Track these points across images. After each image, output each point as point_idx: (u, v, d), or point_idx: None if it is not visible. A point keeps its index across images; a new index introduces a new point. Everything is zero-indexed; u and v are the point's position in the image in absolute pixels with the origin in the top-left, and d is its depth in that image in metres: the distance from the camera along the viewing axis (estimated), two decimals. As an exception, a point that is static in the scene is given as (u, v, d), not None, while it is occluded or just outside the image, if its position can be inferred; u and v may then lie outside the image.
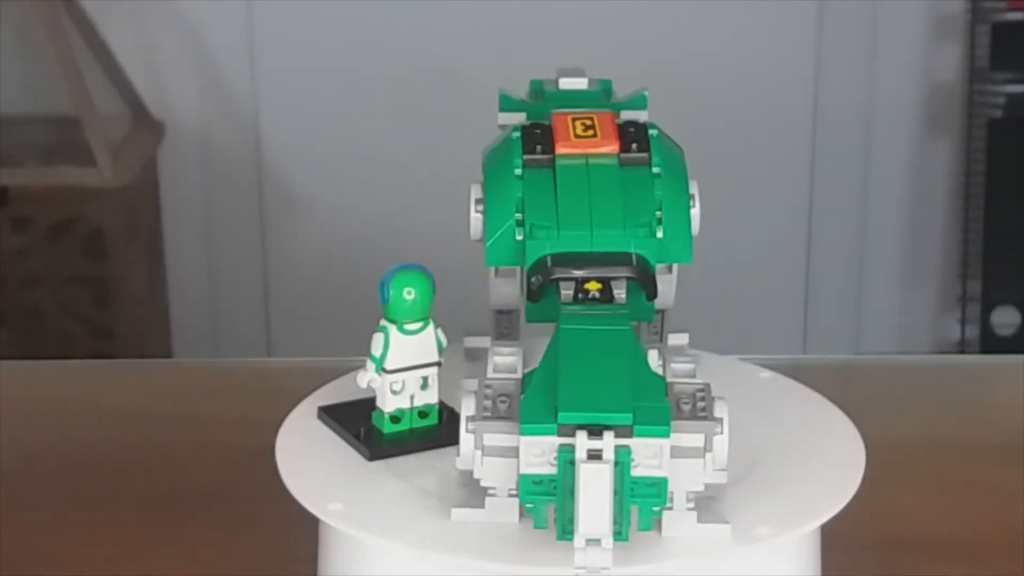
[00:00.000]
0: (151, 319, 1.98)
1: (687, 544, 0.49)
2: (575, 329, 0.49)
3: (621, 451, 0.45)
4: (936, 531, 0.69)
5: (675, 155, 0.54)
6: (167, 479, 0.72)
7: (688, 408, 0.47)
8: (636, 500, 0.46)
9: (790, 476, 0.53)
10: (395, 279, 0.55)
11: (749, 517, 0.51)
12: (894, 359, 1.33)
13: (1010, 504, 0.70)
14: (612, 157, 0.53)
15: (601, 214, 0.52)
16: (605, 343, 0.48)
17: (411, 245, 1.77)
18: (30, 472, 0.75)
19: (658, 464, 0.46)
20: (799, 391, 0.61)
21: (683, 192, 0.53)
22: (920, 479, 0.72)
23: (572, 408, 0.46)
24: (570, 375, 0.47)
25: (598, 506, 0.45)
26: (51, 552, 0.67)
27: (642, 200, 0.52)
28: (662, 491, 0.46)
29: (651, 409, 0.46)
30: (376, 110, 2.03)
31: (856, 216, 2.08)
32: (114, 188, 1.81)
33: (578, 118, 0.54)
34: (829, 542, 0.55)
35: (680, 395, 0.47)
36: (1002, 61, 1.96)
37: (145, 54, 2.01)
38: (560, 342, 0.48)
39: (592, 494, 0.45)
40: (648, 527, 0.47)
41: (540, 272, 0.51)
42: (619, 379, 0.46)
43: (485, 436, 0.48)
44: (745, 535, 0.49)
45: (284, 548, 0.63)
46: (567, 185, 0.53)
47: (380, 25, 2.01)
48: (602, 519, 0.45)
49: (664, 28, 2.00)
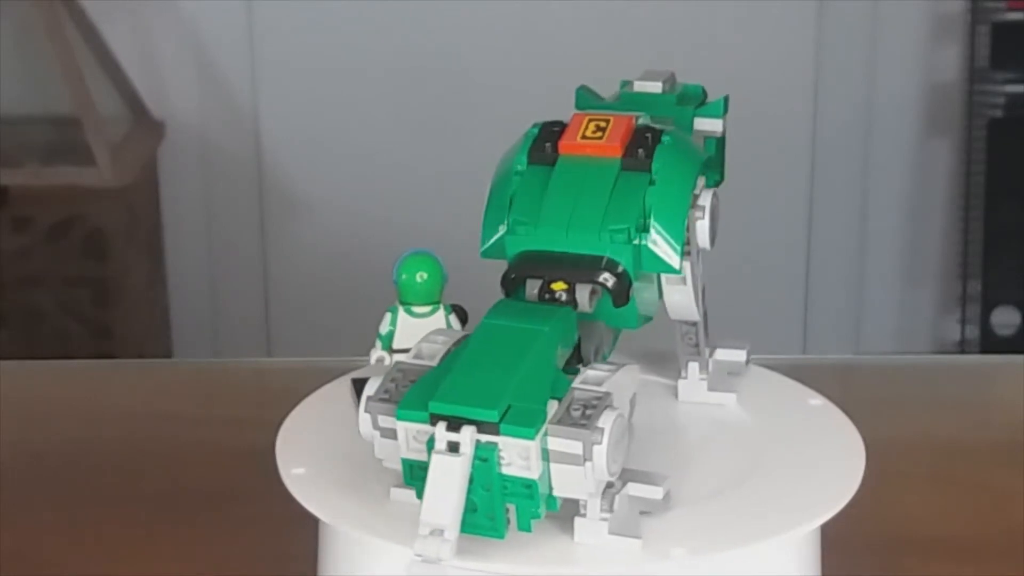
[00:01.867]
0: (151, 319, 1.98)
1: (588, 553, 0.48)
2: (492, 324, 0.49)
3: (487, 448, 0.46)
4: (936, 531, 0.69)
5: (681, 165, 0.53)
6: (167, 479, 0.72)
7: (577, 415, 0.46)
8: (511, 499, 0.47)
9: (790, 476, 0.53)
10: (406, 262, 0.57)
11: (749, 517, 0.51)
12: (894, 359, 1.33)
13: (1010, 504, 0.70)
14: (614, 160, 0.53)
15: (580, 215, 0.52)
16: (513, 340, 0.48)
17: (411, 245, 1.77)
18: (30, 472, 0.75)
19: (527, 465, 0.46)
20: (799, 391, 0.61)
21: (677, 201, 0.52)
22: (920, 479, 0.73)
23: (443, 399, 0.46)
24: (462, 367, 0.47)
25: (443, 497, 0.46)
26: (51, 552, 0.67)
27: (627, 205, 0.51)
28: (534, 493, 0.47)
29: (522, 410, 0.46)
30: (376, 110, 2.03)
31: (856, 216, 2.08)
32: (114, 188, 1.81)
33: (595, 119, 0.53)
34: (829, 542, 0.55)
35: (574, 401, 0.47)
36: (1002, 61, 1.96)
37: (145, 54, 2.01)
38: (473, 335, 0.49)
39: (438, 484, 0.46)
40: (525, 528, 0.47)
41: (509, 267, 0.52)
42: (503, 377, 0.47)
43: (379, 417, 0.49)
44: (659, 553, 0.48)
45: (284, 548, 0.63)
46: (558, 184, 0.53)
47: (380, 25, 2.01)
48: (445, 510, 0.46)
49: (664, 28, 2.00)
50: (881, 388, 0.84)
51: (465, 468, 0.46)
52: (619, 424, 0.46)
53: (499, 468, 0.46)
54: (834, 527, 0.52)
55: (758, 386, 0.60)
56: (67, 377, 0.88)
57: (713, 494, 0.52)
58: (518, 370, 0.47)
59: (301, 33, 2.02)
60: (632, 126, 0.53)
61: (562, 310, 0.50)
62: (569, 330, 0.50)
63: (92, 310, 1.85)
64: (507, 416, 0.46)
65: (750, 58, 2.00)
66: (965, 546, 0.67)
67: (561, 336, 0.50)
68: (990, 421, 0.80)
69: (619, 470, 0.47)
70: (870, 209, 2.08)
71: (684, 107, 0.57)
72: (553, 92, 2.30)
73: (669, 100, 0.57)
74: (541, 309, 0.50)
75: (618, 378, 0.48)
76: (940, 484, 0.73)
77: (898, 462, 0.71)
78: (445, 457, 0.46)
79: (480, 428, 0.46)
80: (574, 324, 0.50)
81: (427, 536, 0.46)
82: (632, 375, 0.49)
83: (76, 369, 0.95)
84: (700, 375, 0.58)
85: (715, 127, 0.57)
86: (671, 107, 0.57)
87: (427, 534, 0.46)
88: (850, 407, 0.59)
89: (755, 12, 2.00)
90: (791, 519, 0.51)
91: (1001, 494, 0.71)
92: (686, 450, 0.56)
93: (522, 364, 0.47)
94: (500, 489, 0.46)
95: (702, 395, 0.58)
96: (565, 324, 0.50)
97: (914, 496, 0.71)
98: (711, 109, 0.57)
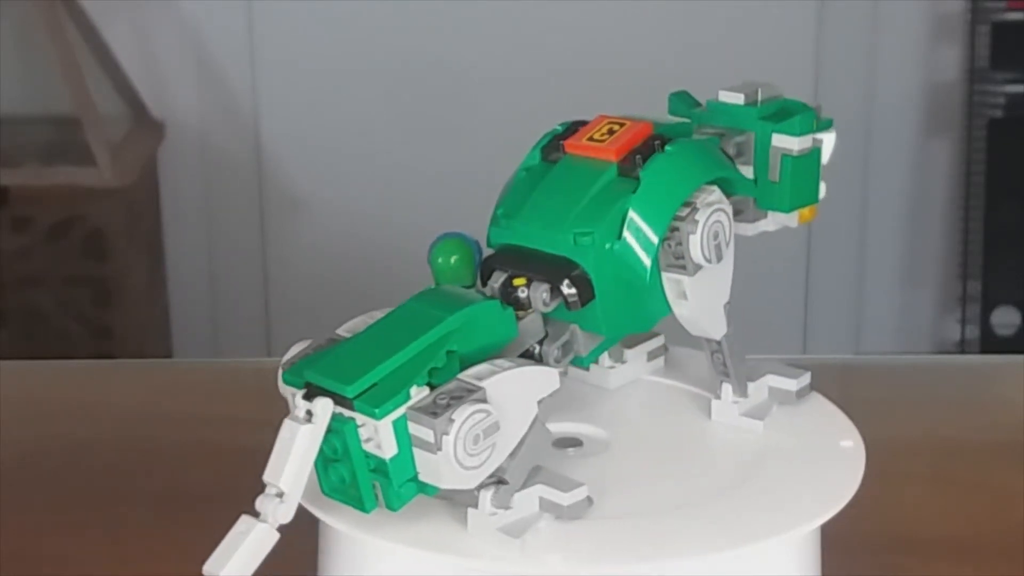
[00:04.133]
0: (151, 319, 1.98)
1: (468, 546, 0.49)
2: (408, 305, 0.50)
3: (343, 421, 0.47)
4: (936, 531, 0.69)
5: (673, 174, 0.52)
6: (167, 479, 0.72)
7: (442, 403, 0.47)
8: (375, 476, 0.48)
9: (790, 476, 0.53)
10: (439, 246, 0.57)
11: (749, 517, 0.51)
12: (894, 359, 1.33)
13: (1010, 504, 0.70)
14: (610, 165, 0.53)
15: (556, 215, 0.52)
16: (414, 324, 0.49)
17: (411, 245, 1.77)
18: (30, 472, 0.75)
19: (379, 444, 0.47)
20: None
21: (656, 209, 0.51)
22: (920, 479, 0.72)
23: (315, 370, 0.48)
24: (353, 343, 0.49)
25: (282, 460, 0.47)
26: (51, 552, 0.67)
27: (602, 210, 0.51)
28: (387, 472, 0.48)
29: (383, 391, 0.47)
30: (376, 110, 2.03)
31: (856, 216, 2.08)
32: (114, 188, 1.81)
33: (612, 122, 0.53)
34: (829, 542, 0.55)
35: (446, 391, 0.48)
36: (1002, 61, 1.96)
37: (145, 54, 2.01)
38: (388, 314, 0.50)
39: (282, 446, 0.47)
40: (390, 506, 0.48)
41: (484, 258, 0.53)
42: (381, 356, 0.48)
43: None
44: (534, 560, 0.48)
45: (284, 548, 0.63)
46: (549, 182, 0.53)
47: (380, 25, 2.01)
48: (282, 473, 0.47)
49: (664, 28, 2.00)
50: (881, 388, 0.84)
51: (313, 437, 0.47)
52: (478, 419, 0.47)
53: (362, 444, 0.47)
54: (834, 527, 0.52)
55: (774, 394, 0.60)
56: (67, 377, 0.88)
57: (713, 494, 0.52)
58: (401, 352, 0.48)
59: (301, 33, 2.02)
60: (645, 133, 0.53)
61: (488, 303, 0.50)
62: (494, 323, 0.50)
63: (92, 310, 1.85)
64: (365, 395, 0.47)
65: (750, 58, 2.01)
66: (965, 546, 0.67)
67: (476, 327, 0.50)
68: (990, 421, 0.80)
69: (491, 468, 0.48)
70: (870, 209, 2.08)
71: (765, 122, 0.56)
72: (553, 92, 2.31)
73: (751, 113, 0.56)
74: (465, 298, 0.50)
75: (514, 376, 0.48)
76: (940, 484, 0.73)
77: (898, 462, 0.71)
78: (294, 423, 0.47)
79: (339, 402, 0.47)
80: (502, 317, 0.50)
81: (271, 496, 0.48)
82: (547, 377, 0.49)
83: (76, 369, 0.95)
84: (733, 398, 0.57)
85: (788, 144, 0.56)
86: (753, 121, 0.56)
87: (274, 495, 0.48)
88: (850, 407, 0.59)
89: (755, 12, 2.00)
90: (791, 519, 0.51)
91: (1001, 494, 0.71)
92: (685, 449, 0.56)
93: (409, 347, 0.48)
94: (364, 464, 0.48)
95: (734, 419, 0.56)
96: (486, 315, 0.50)
97: (914, 496, 0.71)
98: (789, 127, 0.56)
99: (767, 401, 0.57)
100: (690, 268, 0.52)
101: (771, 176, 0.57)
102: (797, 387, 0.58)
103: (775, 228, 0.59)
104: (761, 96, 0.57)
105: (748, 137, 0.56)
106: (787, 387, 0.58)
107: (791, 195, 0.58)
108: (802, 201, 0.58)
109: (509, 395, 0.48)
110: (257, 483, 0.48)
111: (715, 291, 0.54)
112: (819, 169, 0.59)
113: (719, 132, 0.56)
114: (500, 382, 0.48)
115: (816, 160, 0.58)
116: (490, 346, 0.50)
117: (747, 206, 0.57)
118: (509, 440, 0.48)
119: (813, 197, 0.59)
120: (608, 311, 0.53)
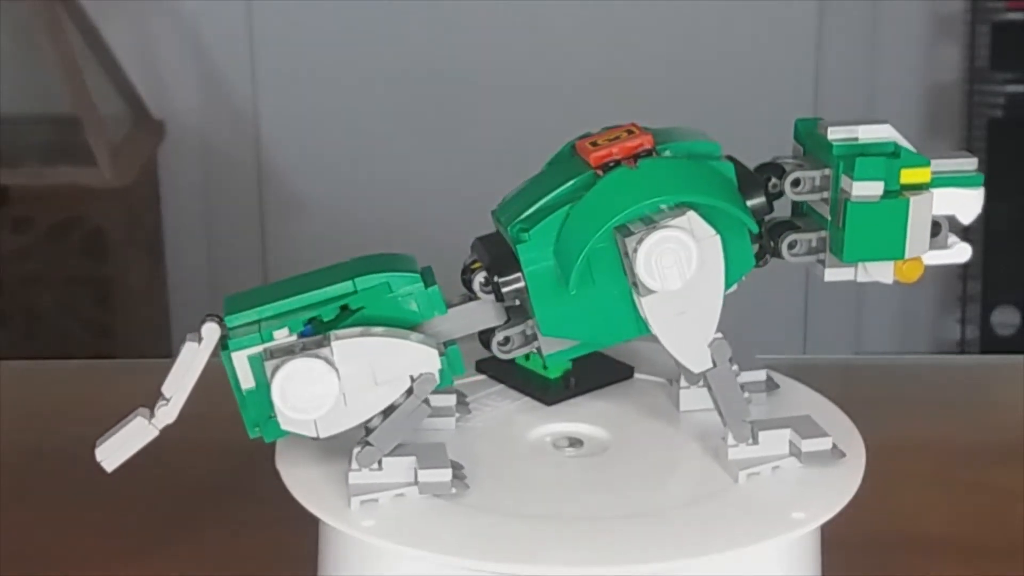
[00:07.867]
0: (151, 319, 1.98)
1: (468, 546, 0.50)
2: (342, 263, 0.54)
3: (225, 351, 0.53)
4: (936, 531, 0.69)
5: (622, 190, 0.51)
6: (167, 479, 0.72)
7: (298, 350, 0.51)
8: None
9: (790, 476, 0.53)
10: None
11: (749, 517, 0.51)
12: (894, 359, 1.33)
13: (1010, 504, 0.70)
14: (588, 170, 0.53)
15: (519, 208, 0.53)
16: (326, 277, 0.53)
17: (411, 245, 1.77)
18: (30, 472, 0.75)
19: (239, 376, 0.53)
20: (799, 391, 0.61)
21: (590, 220, 0.51)
22: (920, 479, 0.72)
23: (230, 302, 0.54)
24: (277, 284, 0.54)
25: (176, 372, 0.53)
26: (51, 552, 0.67)
27: (551, 211, 0.52)
28: (246, 403, 0.53)
29: (250, 327, 0.53)
30: (376, 110, 2.03)
31: (856, 216, 2.08)
32: (114, 188, 1.81)
33: (626, 130, 0.54)
34: (829, 542, 0.55)
35: (310, 341, 0.52)
36: (1002, 61, 1.96)
37: (145, 54, 2.01)
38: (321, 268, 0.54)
39: (179, 363, 0.53)
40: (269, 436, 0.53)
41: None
42: (273, 297, 0.53)
43: None
44: (535, 560, 0.49)
45: (284, 548, 0.63)
46: (540, 178, 0.54)
47: (380, 26, 2.01)
48: (172, 383, 0.53)
49: (664, 28, 2.00)
50: (881, 388, 0.84)
51: (197, 353, 0.53)
52: (311, 369, 0.50)
53: (237, 374, 0.53)
54: (834, 527, 0.52)
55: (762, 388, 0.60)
56: (67, 377, 0.88)
57: (713, 494, 0.52)
58: (292, 300, 0.53)
59: (301, 33, 2.02)
60: (640, 145, 0.53)
61: (406, 276, 0.53)
62: (413, 296, 0.53)
63: (92, 310, 1.85)
64: (240, 328, 0.53)
65: (750, 58, 2.01)
66: (965, 546, 0.67)
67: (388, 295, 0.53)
68: (990, 421, 0.80)
69: (332, 421, 0.51)
70: (870, 209, 2.08)
71: (839, 160, 0.53)
72: (553, 93, 2.31)
73: (831, 149, 0.53)
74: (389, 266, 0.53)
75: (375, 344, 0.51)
76: (940, 484, 0.73)
77: (898, 462, 0.71)
78: (188, 342, 0.53)
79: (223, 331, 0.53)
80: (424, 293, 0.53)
81: (160, 401, 0.54)
82: (423, 355, 0.52)
83: (76, 369, 0.95)
84: (700, 383, 0.57)
85: (848, 188, 0.52)
86: (830, 157, 0.53)
87: (165, 397, 0.54)
88: (850, 407, 0.59)
89: (755, 12, 2.00)
90: (791, 519, 0.51)
91: (1001, 494, 0.71)
92: (685, 449, 0.56)
93: (303, 297, 0.53)
94: (239, 393, 0.53)
95: (704, 403, 0.56)
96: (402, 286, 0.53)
97: (914, 496, 0.71)
98: (854, 168, 0.52)
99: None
100: (640, 288, 0.51)
101: (833, 219, 0.54)
102: (764, 376, 0.59)
103: (864, 280, 0.56)
104: (864, 136, 0.53)
105: (828, 173, 0.53)
106: (756, 378, 0.59)
107: (848, 242, 0.54)
108: (869, 254, 0.54)
109: (369, 360, 0.51)
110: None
111: (690, 322, 0.52)
112: (905, 223, 0.52)
113: (817, 164, 0.54)
114: (354, 345, 0.51)
115: (900, 212, 0.52)
116: (405, 315, 0.53)
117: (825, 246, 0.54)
118: (367, 403, 0.51)
119: (892, 251, 0.54)
120: (542, 309, 0.53)
